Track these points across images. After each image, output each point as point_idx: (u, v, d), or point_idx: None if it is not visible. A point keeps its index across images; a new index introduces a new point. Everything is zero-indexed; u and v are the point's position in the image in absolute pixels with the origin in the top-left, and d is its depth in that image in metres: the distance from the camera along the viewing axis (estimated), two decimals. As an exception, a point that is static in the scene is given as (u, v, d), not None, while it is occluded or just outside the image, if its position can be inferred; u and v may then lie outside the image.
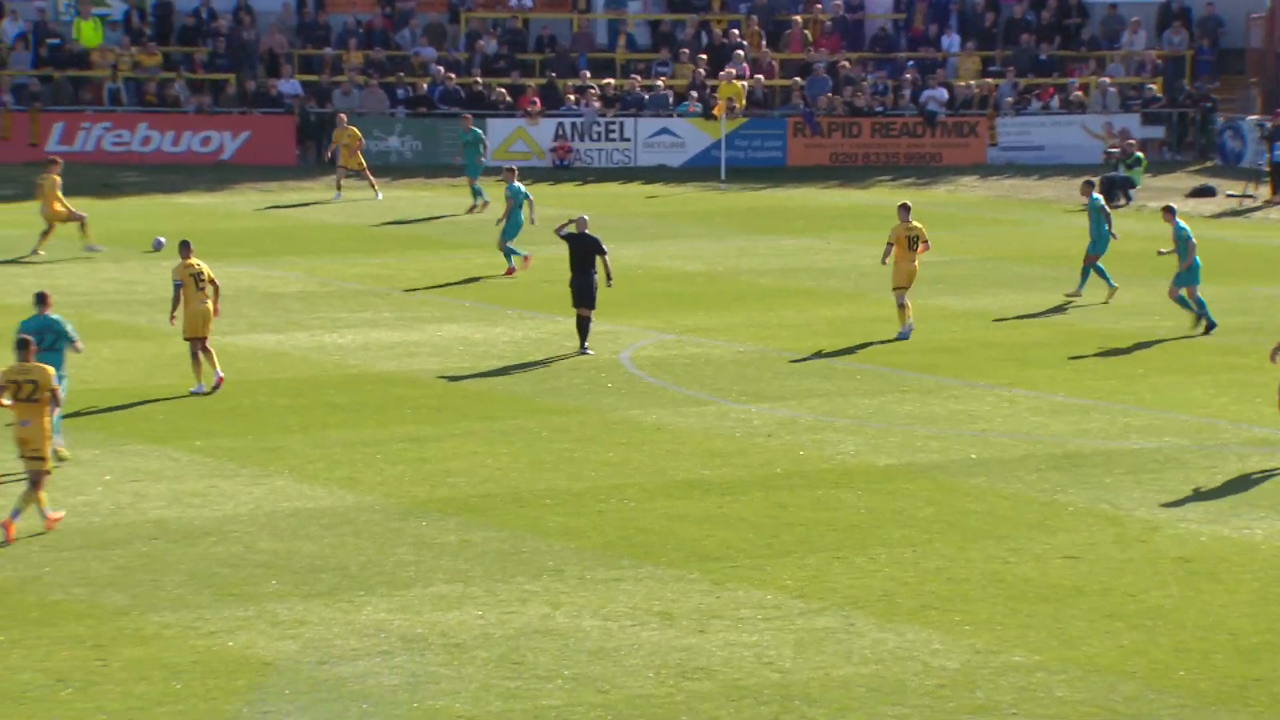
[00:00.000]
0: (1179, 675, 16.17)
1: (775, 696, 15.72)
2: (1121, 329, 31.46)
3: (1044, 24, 56.54)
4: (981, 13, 57.06)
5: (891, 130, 53.92)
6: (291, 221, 43.69)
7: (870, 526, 20.55)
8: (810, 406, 25.97)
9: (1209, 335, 30.62)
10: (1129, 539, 20.07)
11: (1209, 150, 53.59)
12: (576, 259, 28.67)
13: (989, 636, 17.10)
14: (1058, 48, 56.17)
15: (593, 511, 21.05)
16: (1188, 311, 31.15)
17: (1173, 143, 53.98)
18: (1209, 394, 26.64)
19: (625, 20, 57.61)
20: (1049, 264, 37.61)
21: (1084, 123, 53.52)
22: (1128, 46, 55.86)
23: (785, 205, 47.43)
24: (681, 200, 47.99)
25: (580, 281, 28.63)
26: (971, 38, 56.51)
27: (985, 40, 56.58)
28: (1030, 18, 56.59)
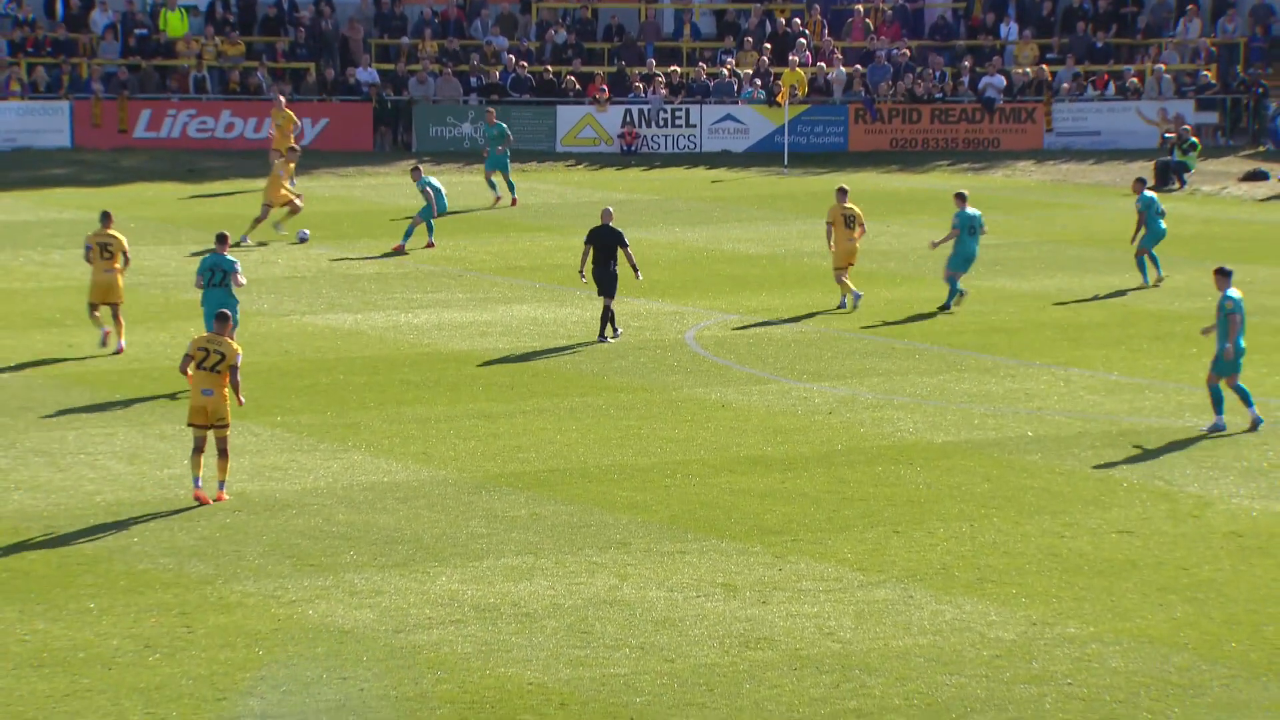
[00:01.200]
0: (1230, 647, 16.06)
1: (836, 666, 15.70)
2: (1176, 310, 31.25)
3: (1100, 12, 56.15)
4: (1039, 1, 56.72)
5: (950, 116, 53.63)
6: (368, 205, 43.81)
7: (928, 502, 20.49)
8: (870, 385, 25.90)
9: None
10: (1181, 514, 19.94)
11: (1261, 135, 53.11)
12: (599, 251, 28.57)
13: (1044, 609, 17.04)
14: (1114, 35, 55.77)
15: (658, 486, 21.06)
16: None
17: (1226, 128, 53.53)
18: (1261, 374, 26.41)
19: (691, 9, 57.52)
20: (1104, 247, 37.36)
21: (1139, 109, 53.11)
22: (1182, 34, 55.41)
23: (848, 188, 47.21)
24: (745, 184, 47.90)
25: (601, 273, 28.50)
26: (1029, 26, 56.18)
27: (1043, 28, 56.24)
28: (1087, 6, 56.22)
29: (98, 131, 51.77)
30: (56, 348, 28.03)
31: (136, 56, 53.84)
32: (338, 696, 15.10)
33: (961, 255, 31.09)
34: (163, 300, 32.07)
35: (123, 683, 15.35)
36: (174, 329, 29.55)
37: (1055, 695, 15.08)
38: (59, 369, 26.69)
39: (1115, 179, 48.42)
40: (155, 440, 22.85)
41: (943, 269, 31.65)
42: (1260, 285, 33.34)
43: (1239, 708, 14.81)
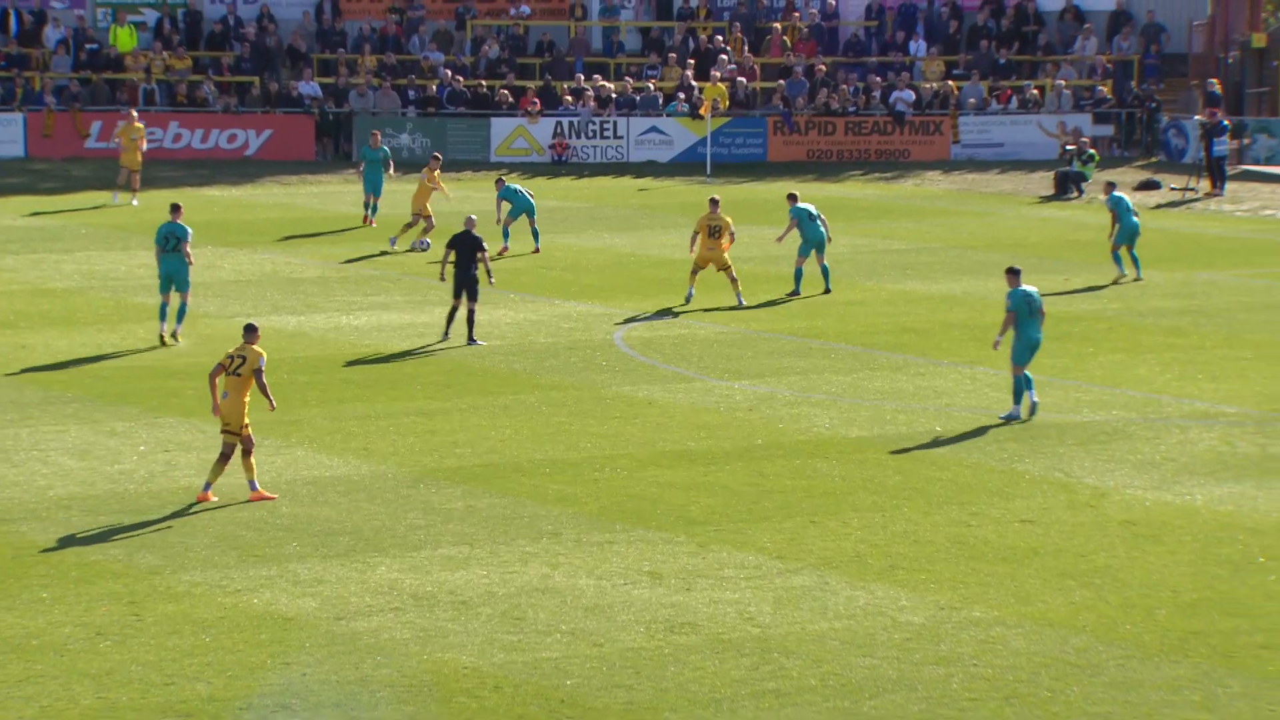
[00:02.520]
0: (1125, 629, 16.18)
1: (755, 649, 15.73)
2: (1075, 311, 31.46)
3: (1003, 30, 56.49)
4: (946, 20, 57.02)
5: (863, 129, 53.88)
6: (311, 212, 43.58)
7: (843, 493, 20.54)
8: (788, 383, 25.95)
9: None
10: (1080, 504, 20.07)
11: (1154, 147, 53.55)
12: (460, 257, 28.60)
13: (952, 594, 17.11)
14: (1016, 52, 56.12)
15: (588, 480, 21.03)
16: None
17: (1121, 140, 53.95)
18: (1153, 371, 26.64)
19: (618, 27, 57.55)
20: (1008, 252, 37.56)
21: (1040, 122, 53.49)
22: (1080, 51, 55.82)
23: (765, 197, 47.36)
24: (670, 193, 47.92)
25: (462, 276, 28.51)
26: (936, 43, 56.49)
27: (949, 46, 56.55)
28: (991, 25, 56.55)
29: (50, 142, 51.31)
30: (9, 349, 27.76)
31: (87, 70, 53.39)
32: (281, 681, 15.01)
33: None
34: (113, 303, 31.82)
35: (74, 668, 15.22)
36: (124, 331, 29.32)
37: (962, 675, 15.15)
38: (12, 368, 26.42)
39: (1018, 188, 48.72)
40: (105, 437, 22.66)
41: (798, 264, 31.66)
42: (1153, 289, 33.63)
43: (1133, 686, 14.92)
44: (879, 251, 38.08)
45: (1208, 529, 19.08)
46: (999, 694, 14.75)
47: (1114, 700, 14.60)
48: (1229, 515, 19.54)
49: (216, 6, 56.23)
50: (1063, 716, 14.33)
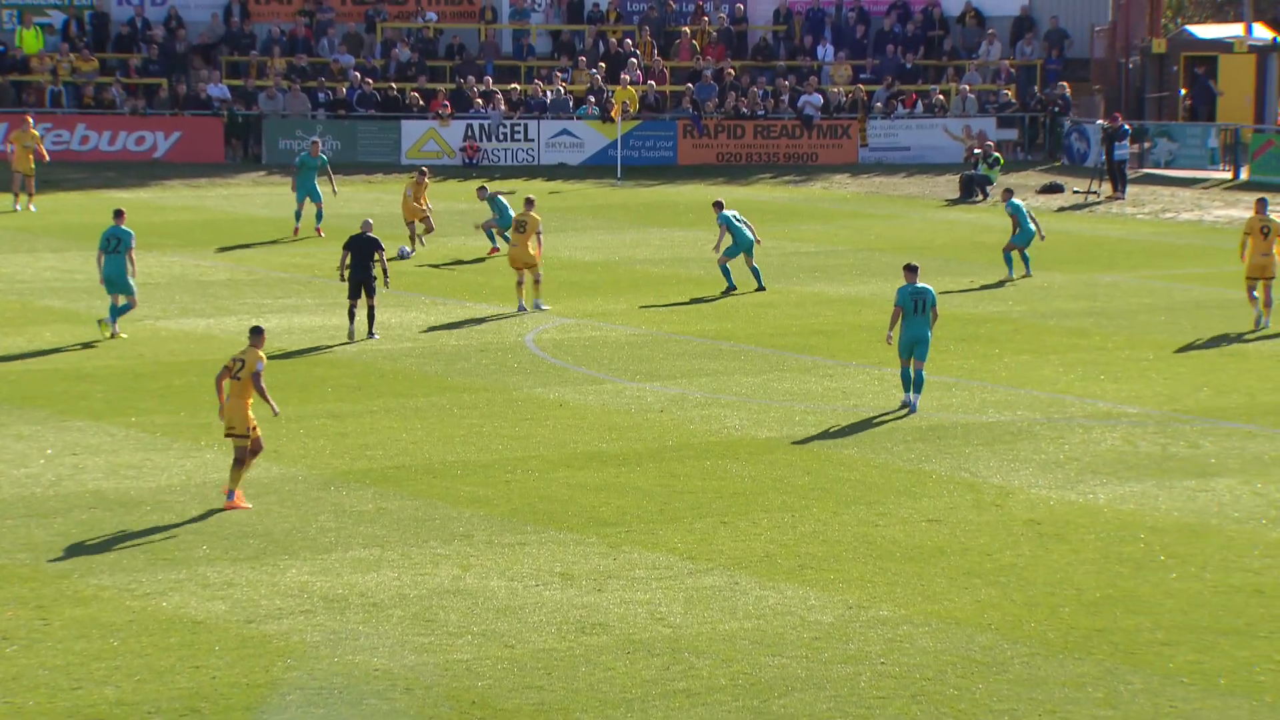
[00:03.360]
0: (1030, 627, 16.31)
1: (666, 649, 15.74)
2: (980, 313, 31.70)
3: (910, 36, 56.86)
4: (853, 25, 57.34)
5: (772, 132, 54.07)
6: (220, 214, 43.25)
7: (753, 494, 20.60)
8: (699, 384, 25.99)
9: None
10: (985, 503, 20.21)
11: (1057, 151, 54.06)
12: (357, 257, 28.58)
13: (860, 593, 17.19)
14: (922, 57, 56.51)
15: (500, 481, 20.99)
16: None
17: (1025, 144, 54.43)
18: (1057, 372, 26.88)
19: (529, 30, 57.50)
20: (914, 254, 37.76)
21: (946, 126, 53.87)
22: (985, 56, 56.28)
23: (675, 200, 47.47)
24: (581, 195, 47.90)
25: (359, 276, 28.49)
26: (844, 48, 56.78)
27: (856, 50, 56.87)
28: (897, 29, 56.90)
29: (-43, 144, 50.67)
30: (-85, 352, 27.40)
31: (-7, 72, 52.79)
32: (190, 685, 14.88)
33: None
34: (19, 306, 31.45)
35: (-19, 675, 15.02)
36: (30, 334, 28.99)
37: (870, 674, 15.22)
38: (-82, 372, 26.08)
39: (924, 191, 49.06)
40: (12, 440, 22.38)
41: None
42: (1056, 290, 33.94)
43: (1038, 683, 15.04)
44: (788, 254, 38.23)
45: (1110, 528, 19.27)
46: (906, 692, 14.83)
47: (1019, 698, 14.71)
48: (1131, 514, 19.75)
49: (124, 8, 55.71)
50: (968, 714, 14.43)
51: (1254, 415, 23.98)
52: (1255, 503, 20.04)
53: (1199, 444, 22.57)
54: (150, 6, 55.76)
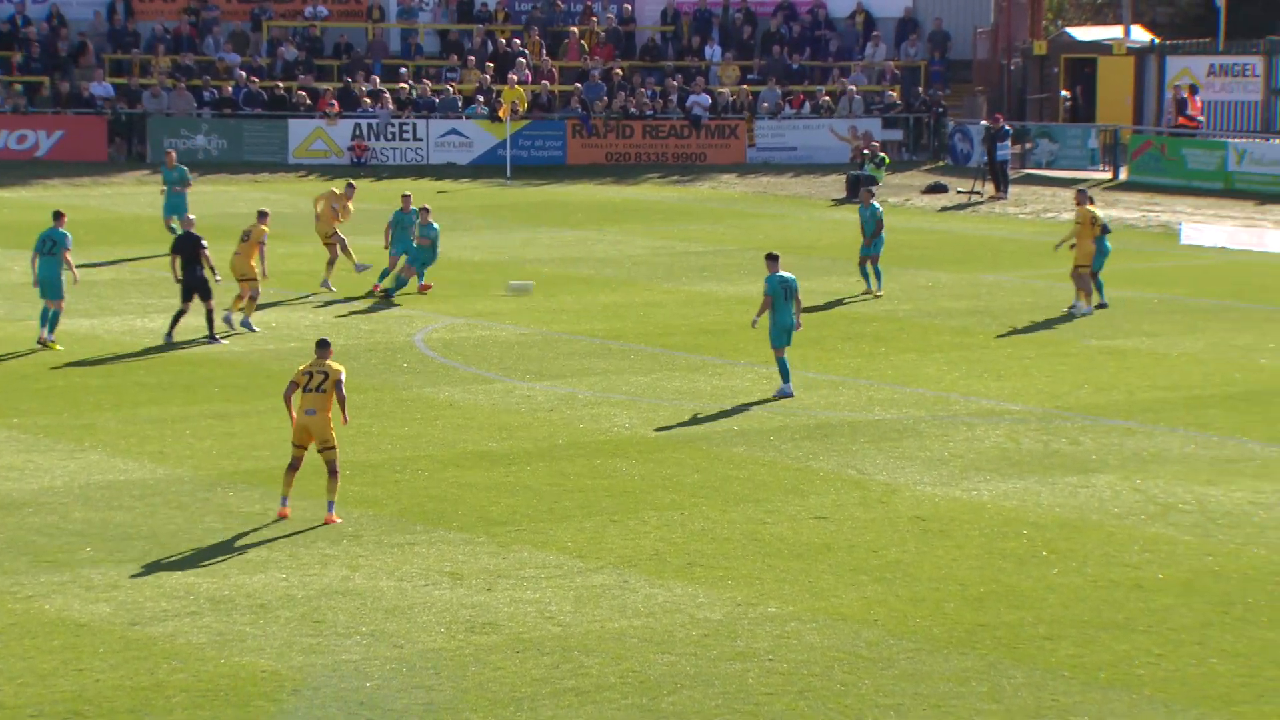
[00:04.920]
0: (915, 622, 16.44)
1: (556, 647, 15.73)
2: (866, 312, 31.92)
3: (796, 36, 57.17)
4: (740, 26, 57.56)
5: (660, 132, 54.18)
6: (103, 214, 42.73)
7: (642, 492, 20.62)
8: (588, 384, 26.00)
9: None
10: (872, 500, 20.35)
11: (941, 151, 54.57)
12: (184, 258, 28.36)
13: (748, 590, 17.26)
14: (808, 58, 56.84)
15: (389, 481, 20.88)
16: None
17: (910, 144, 54.89)
18: (941, 370, 27.12)
19: (416, 30, 57.24)
20: (802, 253, 37.99)
21: (832, 126, 54.21)
22: (870, 58, 56.69)
23: (565, 200, 47.45)
24: (470, 195, 47.76)
25: (189, 276, 28.26)
26: (731, 49, 56.99)
27: (744, 51, 57.10)
28: (784, 30, 57.19)
29: None
30: None
31: None
32: (74, 688, 14.69)
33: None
34: (-101, 306, 30.88)
35: None
36: (-90, 334, 28.49)
37: (758, 670, 15.28)
38: None
39: (811, 191, 49.33)
40: (-108, 443, 21.99)
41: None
42: (940, 289, 34.24)
43: (923, 678, 15.16)
44: (677, 254, 38.32)
45: (994, 524, 19.46)
46: (793, 688, 14.91)
47: (904, 692, 14.83)
48: (1014, 510, 19.96)
49: (4, 6, 54.90)
50: (855, 709, 14.53)
51: (1133, 412, 24.32)
52: (1134, 498, 20.32)
53: (1080, 441, 22.84)
54: (31, 4, 55.00)
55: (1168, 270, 36.52)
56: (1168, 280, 35.10)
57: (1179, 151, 50.16)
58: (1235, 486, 20.67)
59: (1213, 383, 26.06)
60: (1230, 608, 16.68)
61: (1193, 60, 56.22)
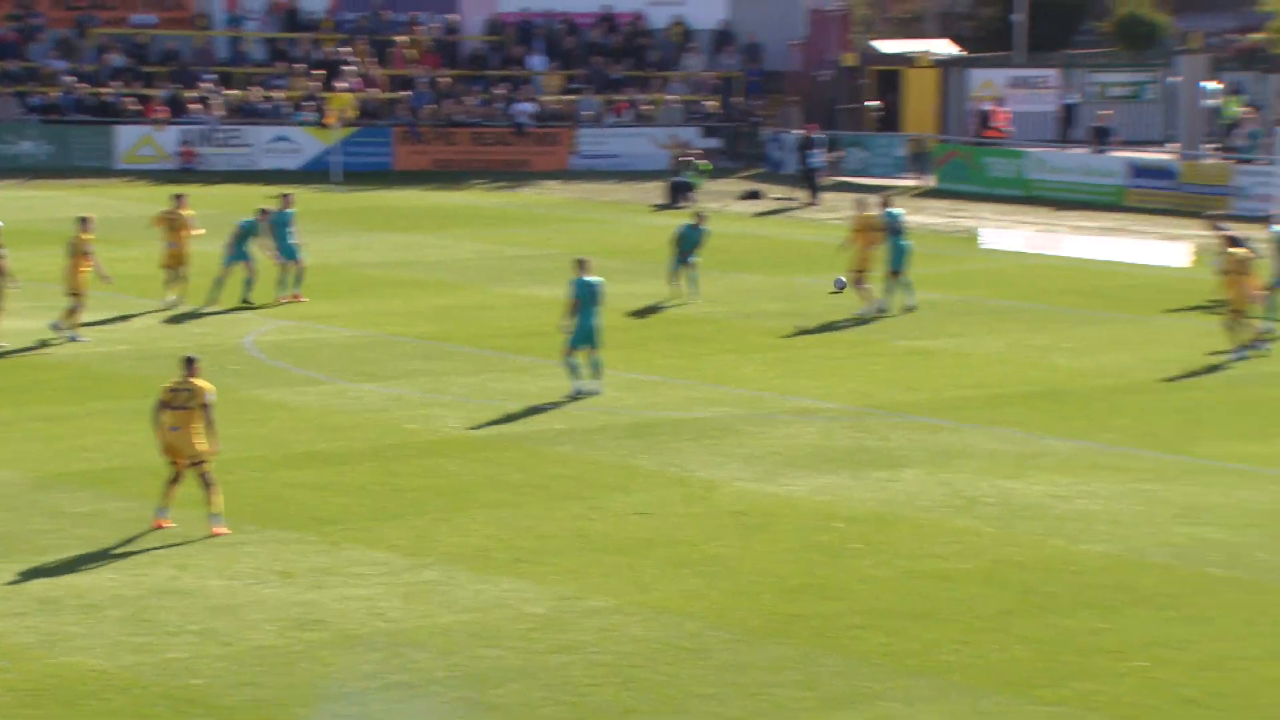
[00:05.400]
0: (734, 614, 16.54)
1: (385, 643, 15.61)
2: (687, 314, 32.08)
3: (617, 47, 57.35)
4: (563, 36, 57.61)
5: (486, 139, 54.07)
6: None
7: (470, 490, 20.54)
8: (418, 385, 25.84)
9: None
10: (693, 497, 20.45)
11: (757, 159, 55.04)
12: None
13: (573, 585, 17.26)
14: (630, 68, 57.02)
15: (219, 482, 20.55)
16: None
17: (728, 152, 55.29)
18: (759, 370, 27.33)
19: (244, 38, 56.53)
20: (625, 258, 38.10)
21: (652, 134, 54.45)
22: (688, 68, 57.03)
23: (393, 205, 47.13)
24: (299, 200, 47.17)
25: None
26: (555, 58, 57.04)
27: (567, 61, 57.16)
28: (605, 41, 57.34)
29: None
30: None
31: None
32: (-98, 692, 14.29)
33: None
34: None
35: None
36: None
37: (582, 663, 15.29)
38: None
39: (633, 197, 49.48)
40: None
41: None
42: (757, 292, 34.51)
43: (740, 668, 15.27)
44: (504, 258, 38.25)
45: (808, 518, 19.65)
46: (617, 679, 14.93)
47: (723, 681, 14.92)
48: (827, 505, 20.17)
49: None
50: (676, 699, 14.59)
51: (939, 410, 24.70)
52: (941, 492, 20.64)
53: (889, 437, 23.15)
54: None
55: (971, 273, 37.16)
56: (971, 283, 35.71)
57: (981, 160, 51.07)
58: (1035, 480, 21.08)
59: (1013, 381, 26.56)
60: (1030, 596, 17.00)
61: (993, 73, 57.30)
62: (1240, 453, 22.14)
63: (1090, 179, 48.74)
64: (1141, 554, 18.21)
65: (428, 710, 14.28)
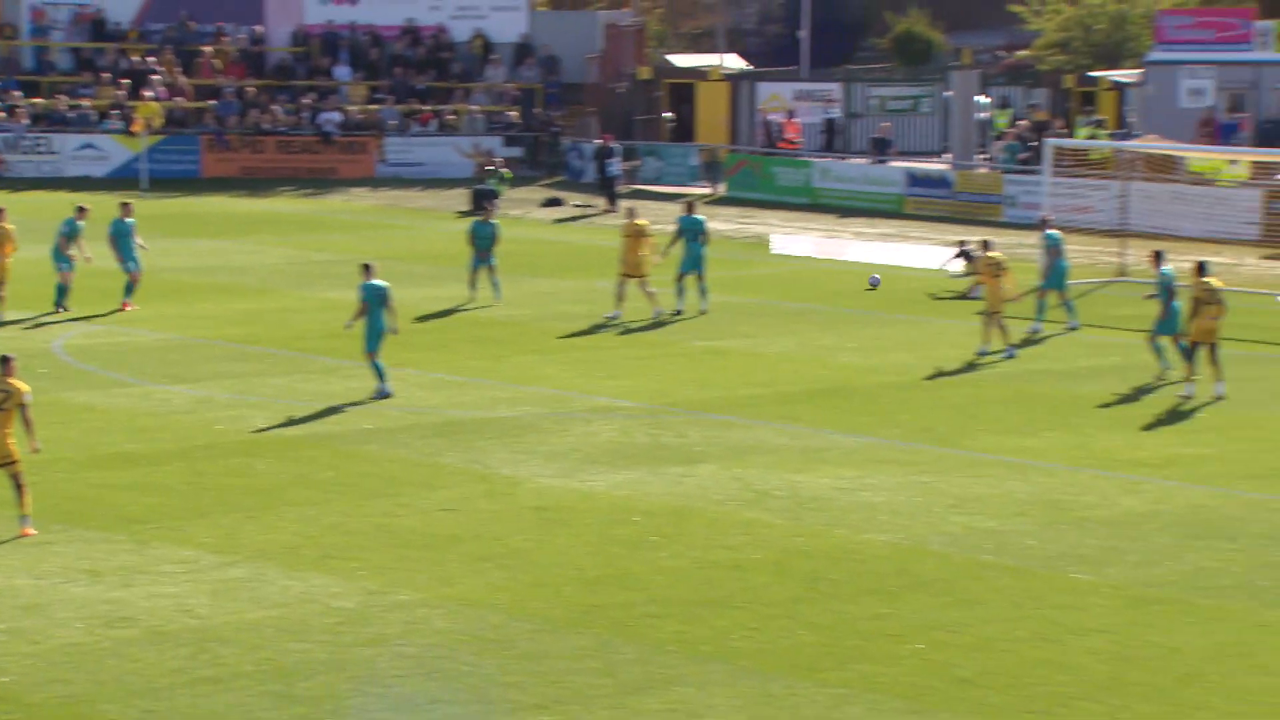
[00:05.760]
0: (535, 605, 16.56)
1: (193, 639, 15.36)
2: (489, 316, 32.03)
3: (420, 58, 57.07)
4: (368, 48, 57.17)
5: (293, 147, 53.45)
6: None
7: (278, 489, 20.30)
8: (226, 386, 25.46)
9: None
10: (496, 493, 20.43)
11: (558, 168, 55.11)
12: None
13: (380, 580, 17.14)
14: (433, 79, 56.76)
15: (27, 483, 20.04)
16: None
17: (530, 161, 55.29)
18: (560, 370, 27.38)
19: (49, 47, 55.21)
20: (431, 263, 37.93)
21: (456, 143, 54.26)
22: (490, 79, 56.92)
23: (201, 212, 46.37)
24: (106, 207, 46.20)
25: None
26: (360, 69, 56.60)
27: (372, 71, 56.75)
28: (409, 53, 57.01)
29: None
30: None
31: None
32: None
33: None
34: None
35: None
36: None
37: (389, 655, 15.19)
38: None
39: (438, 204, 49.24)
40: None
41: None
42: (559, 295, 34.55)
43: (541, 657, 15.29)
44: (312, 262, 37.83)
45: (608, 512, 19.74)
46: (422, 670, 14.87)
47: (525, 670, 14.93)
48: (625, 499, 20.27)
49: None
50: (479, 688, 14.56)
51: (732, 407, 24.96)
52: (734, 486, 20.86)
53: (685, 434, 23.33)
54: None
55: (762, 277, 37.60)
56: (762, 286, 36.14)
57: (770, 169, 51.69)
58: (821, 474, 21.40)
59: (801, 379, 26.93)
60: (817, 584, 17.26)
61: (780, 86, 58.03)
62: (1011, 446, 22.71)
63: (872, 188, 49.59)
64: (920, 542, 18.58)
65: (235, 704, 14.08)
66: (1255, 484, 20.86)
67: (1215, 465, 21.72)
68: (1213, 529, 19.02)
